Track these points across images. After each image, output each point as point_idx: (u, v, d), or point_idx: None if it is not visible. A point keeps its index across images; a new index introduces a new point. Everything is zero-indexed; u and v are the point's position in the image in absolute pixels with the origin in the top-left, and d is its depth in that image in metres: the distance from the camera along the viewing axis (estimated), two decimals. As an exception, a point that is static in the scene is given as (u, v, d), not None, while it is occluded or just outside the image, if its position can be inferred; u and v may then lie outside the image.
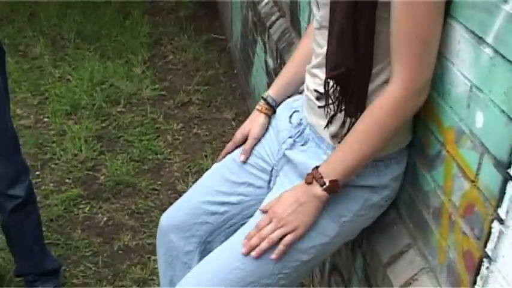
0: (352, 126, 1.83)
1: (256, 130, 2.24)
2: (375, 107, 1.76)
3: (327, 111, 1.89)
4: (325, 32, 1.82)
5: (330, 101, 1.85)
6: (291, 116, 2.15)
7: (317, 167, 1.85)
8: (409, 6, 1.61)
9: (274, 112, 2.26)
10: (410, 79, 1.68)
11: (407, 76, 1.68)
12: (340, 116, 1.86)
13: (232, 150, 2.32)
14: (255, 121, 2.26)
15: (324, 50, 1.84)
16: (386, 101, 1.72)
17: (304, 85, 2.07)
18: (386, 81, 1.77)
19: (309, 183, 1.85)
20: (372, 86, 1.80)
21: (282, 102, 2.27)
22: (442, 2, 1.61)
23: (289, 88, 2.29)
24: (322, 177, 1.83)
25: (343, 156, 1.82)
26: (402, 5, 1.61)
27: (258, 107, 2.28)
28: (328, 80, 1.83)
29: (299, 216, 1.88)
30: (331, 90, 1.83)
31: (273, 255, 1.91)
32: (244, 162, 2.23)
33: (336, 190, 1.84)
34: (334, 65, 1.79)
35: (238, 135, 2.29)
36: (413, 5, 1.60)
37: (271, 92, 2.28)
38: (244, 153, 2.23)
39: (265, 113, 2.25)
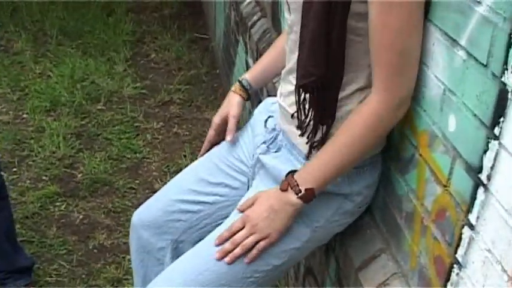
0: (324, 134, 1.82)
1: (234, 109, 2.25)
2: (355, 119, 1.74)
3: (299, 119, 1.87)
4: (296, 37, 1.79)
5: (301, 109, 1.83)
6: (266, 121, 2.14)
7: (292, 174, 1.83)
8: (384, 16, 1.58)
9: (249, 96, 2.28)
10: (390, 92, 1.66)
11: (386, 89, 1.66)
12: (312, 124, 1.84)
13: (215, 141, 2.31)
14: (231, 102, 2.28)
15: (296, 55, 1.82)
16: (366, 114, 1.71)
17: (278, 91, 2.05)
18: (358, 90, 1.77)
19: (283, 190, 1.83)
20: (342, 94, 1.78)
21: (256, 87, 2.31)
22: (418, 11, 1.59)
23: (266, 74, 2.31)
24: (297, 185, 1.80)
25: (321, 165, 1.80)
26: (378, 14, 1.59)
27: (232, 88, 2.29)
28: (299, 87, 1.80)
29: (272, 224, 1.86)
30: (302, 97, 1.81)
31: (246, 259, 1.90)
32: (233, 142, 2.23)
33: (311, 199, 1.82)
34: (305, 73, 1.77)
35: (217, 119, 2.29)
36: (388, 15, 1.58)
37: (248, 76, 2.29)
38: (229, 133, 2.22)
39: (239, 94, 2.27)
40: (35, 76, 5.44)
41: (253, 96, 2.31)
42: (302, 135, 1.89)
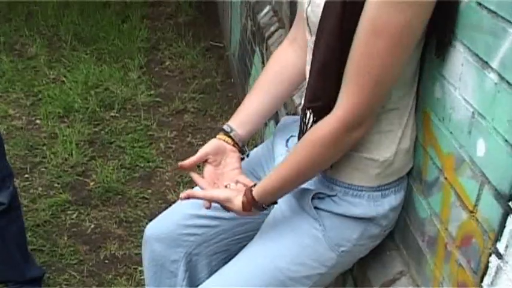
0: None
1: (205, 146, 2.08)
2: (309, 137, 1.72)
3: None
4: None
5: (304, 130, 1.79)
6: (288, 140, 2.10)
7: (251, 192, 1.84)
8: (372, 38, 1.54)
9: (232, 139, 2.11)
10: (352, 112, 1.62)
11: (350, 108, 1.62)
12: None
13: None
14: (207, 143, 2.11)
15: None
16: (321, 132, 1.68)
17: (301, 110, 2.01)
18: None
19: (248, 210, 1.86)
20: None
21: (243, 131, 2.13)
22: (409, 38, 1.55)
23: (252, 117, 2.15)
24: (258, 203, 1.84)
25: (277, 183, 1.82)
26: (366, 34, 1.55)
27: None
28: (306, 110, 1.77)
29: None
30: (308, 119, 1.78)
31: None
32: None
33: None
34: (312, 97, 1.74)
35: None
36: (377, 38, 1.53)
37: (230, 122, 2.14)
38: (187, 164, 2.07)
39: (217, 138, 2.10)
40: (48, 81, 5.42)
41: (239, 139, 2.15)
42: None
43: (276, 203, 1.87)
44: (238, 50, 5.22)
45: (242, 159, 2.13)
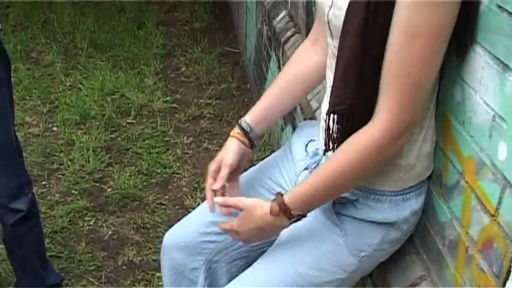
0: None
1: (228, 157, 2.08)
2: (352, 146, 1.69)
3: (326, 144, 1.82)
4: None
5: (330, 134, 1.78)
6: (307, 145, 2.09)
7: (282, 198, 1.78)
8: (406, 44, 1.53)
9: (251, 140, 2.12)
10: (395, 123, 1.61)
11: (393, 116, 1.61)
12: None
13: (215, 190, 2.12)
14: (226, 148, 2.11)
15: None
16: (365, 142, 1.65)
17: (321, 115, 2.00)
18: None
19: (275, 215, 1.80)
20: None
21: (258, 130, 2.14)
22: (442, 43, 1.55)
23: (268, 114, 2.16)
24: (290, 210, 1.77)
25: (313, 191, 1.77)
26: (400, 41, 1.54)
27: (231, 132, 2.14)
28: (330, 114, 1.75)
29: (259, 239, 1.97)
30: (332, 123, 1.76)
31: None
32: (216, 205, 2.05)
33: (300, 220, 1.82)
34: (337, 101, 1.72)
35: (213, 166, 2.11)
36: (411, 43, 1.52)
37: (247, 117, 2.14)
38: (218, 181, 2.06)
39: (237, 138, 2.10)
40: (65, 88, 5.44)
41: (255, 138, 2.15)
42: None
43: (305, 216, 1.81)
44: (254, 55, 5.22)
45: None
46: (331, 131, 1.76)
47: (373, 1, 1.55)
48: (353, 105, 1.67)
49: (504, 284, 1.43)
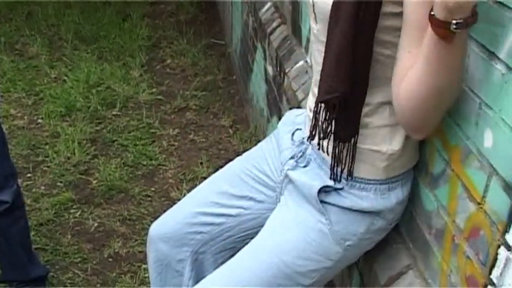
0: (343, 148, 1.75)
1: None
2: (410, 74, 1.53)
3: (316, 132, 1.80)
4: (323, 48, 1.71)
5: (320, 124, 1.76)
6: (293, 133, 2.07)
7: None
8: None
9: None
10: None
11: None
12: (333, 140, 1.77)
13: None
14: None
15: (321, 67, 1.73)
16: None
17: (307, 103, 1.99)
18: (380, 104, 1.70)
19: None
20: (365, 110, 1.72)
21: None
22: None
23: None
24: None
25: None
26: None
27: None
28: (320, 103, 1.72)
29: None
30: (322, 113, 1.73)
31: None
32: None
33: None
34: (327, 88, 1.68)
35: None
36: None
37: None
38: None
39: None
40: (50, 81, 5.42)
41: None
42: (319, 149, 1.84)
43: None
44: (240, 47, 5.21)
45: None
46: (320, 121, 1.74)
47: None
48: (346, 93, 1.64)
49: (490, 272, 1.43)
